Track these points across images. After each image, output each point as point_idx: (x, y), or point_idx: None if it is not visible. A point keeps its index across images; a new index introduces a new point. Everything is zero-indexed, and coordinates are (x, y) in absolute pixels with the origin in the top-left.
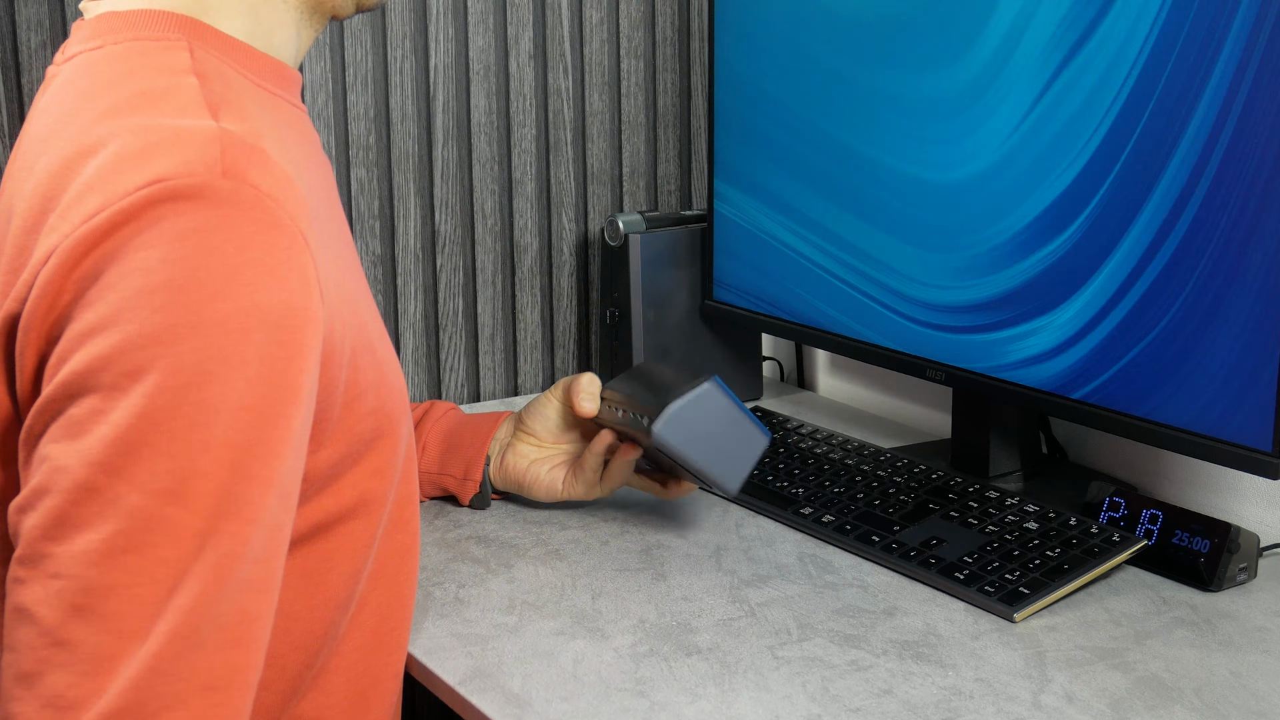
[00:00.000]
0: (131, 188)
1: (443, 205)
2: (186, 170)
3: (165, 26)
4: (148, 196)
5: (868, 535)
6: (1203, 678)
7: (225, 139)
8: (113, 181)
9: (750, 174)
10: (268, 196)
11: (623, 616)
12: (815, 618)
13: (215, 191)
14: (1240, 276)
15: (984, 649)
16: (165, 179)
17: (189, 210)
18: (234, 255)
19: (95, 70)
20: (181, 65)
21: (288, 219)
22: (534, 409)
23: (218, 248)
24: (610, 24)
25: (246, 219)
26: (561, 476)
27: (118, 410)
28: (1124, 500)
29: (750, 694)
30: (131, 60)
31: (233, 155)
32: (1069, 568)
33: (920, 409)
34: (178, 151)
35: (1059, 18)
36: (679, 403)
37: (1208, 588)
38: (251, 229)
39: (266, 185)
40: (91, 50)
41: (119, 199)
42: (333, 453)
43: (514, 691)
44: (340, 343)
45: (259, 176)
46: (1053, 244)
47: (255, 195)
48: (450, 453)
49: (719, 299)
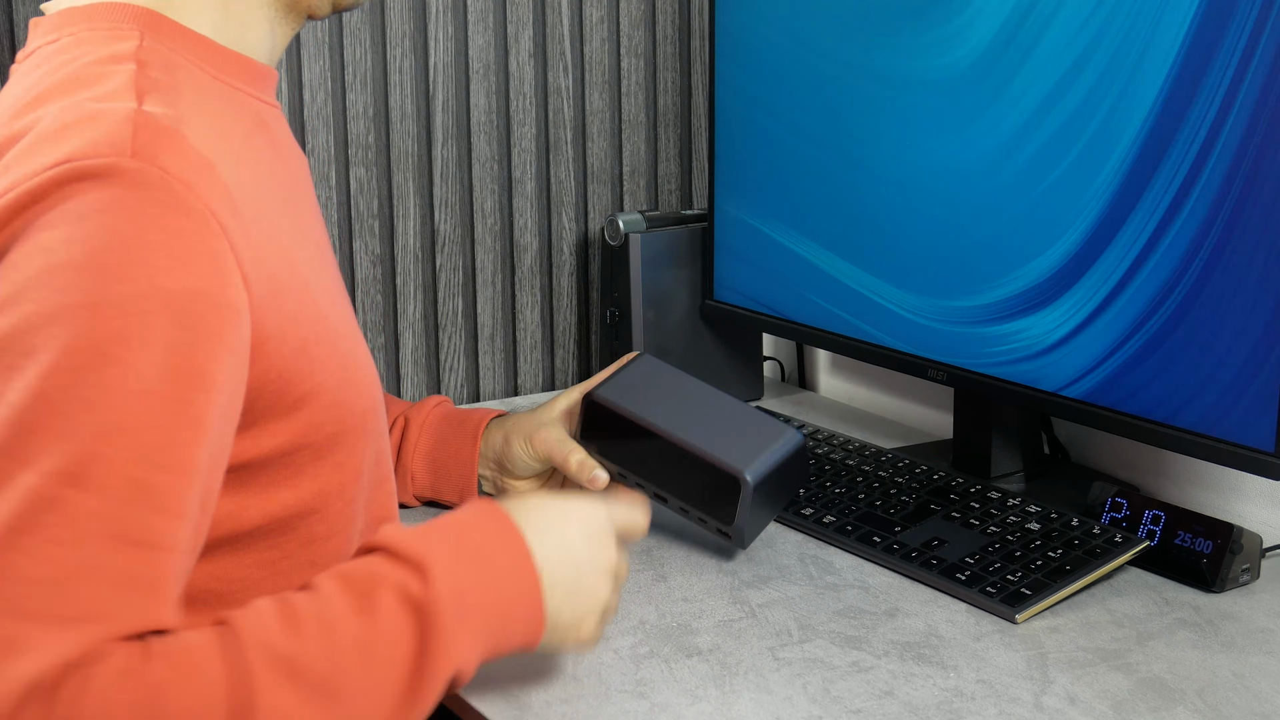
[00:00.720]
0: (41, 167)
1: (442, 205)
2: (94, 150)
3: (121, 18)
4: (54, 177)
5: (869, 536)
6: (1205, 679)
7: (139, 120)
8: (25, 162)
9: (751, 173)
10: (177, 179)
11: (623, 618)
12: (816, 619)
13: (121, 172)
14: (1242, 276)
15: (986, 650)
16: (73, 159)
17: (93, 190)
18: (136, 237)
19: (46, 62)
20: (124, 52)
21: (199, 203)
22: (516, 463)
23: (119, 229)
24: (610, 22)
25: (151, 200)
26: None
27: (13, 390)
28: (1126, 501)
29: (751, 695)
30: (79, 49)
31: (145, 137)
32: (1071, 569)
33: (922, 409)
34: (89, 132)
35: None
36: (748, 517)
37: (1210, 589)
38: (156, 211)
39: (177, 168)
40: (49, 43)
41: (28, 179)
42: (283, 442)
43: (513, 693)
44: (277, 332)
45: (169, 159)
46: (1057, 243)
47: (162, 177)
48: (440, 479)
49: (720, 299)
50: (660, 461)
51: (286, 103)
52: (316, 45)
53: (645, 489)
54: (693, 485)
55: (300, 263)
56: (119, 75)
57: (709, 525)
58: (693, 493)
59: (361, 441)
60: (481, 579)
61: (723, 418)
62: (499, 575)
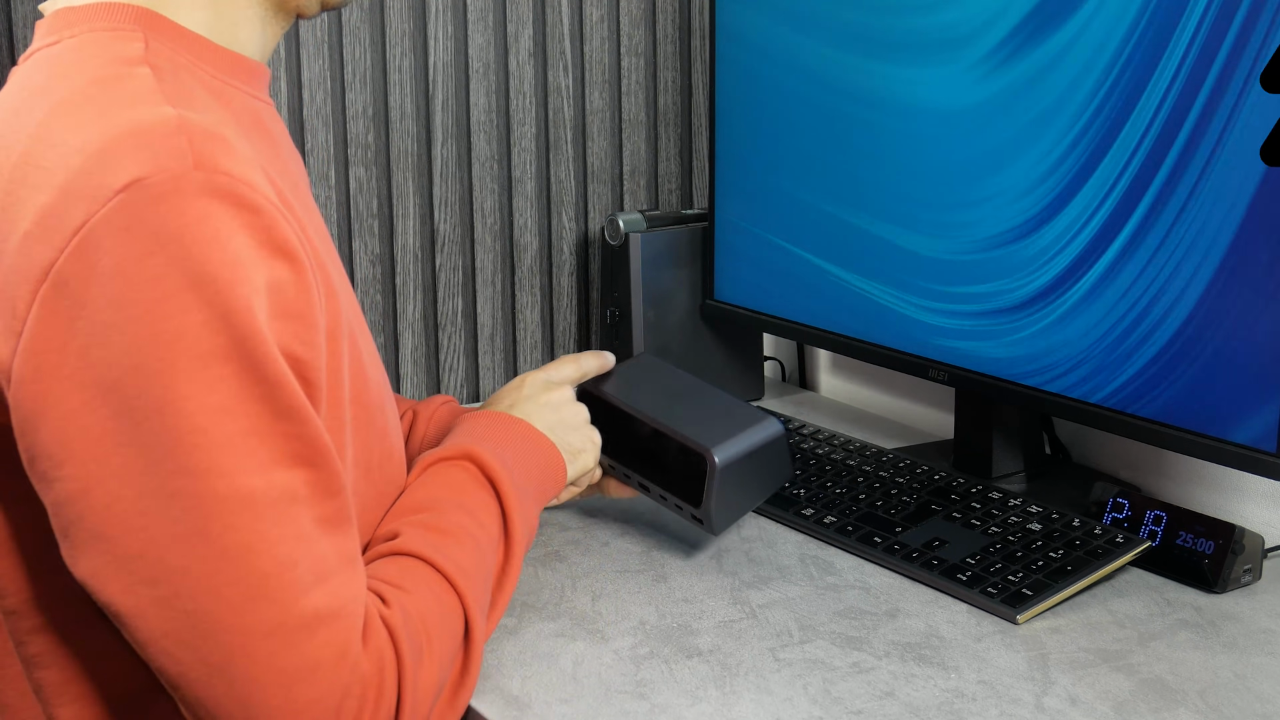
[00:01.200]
0: (109, 193)
1: (442, 204)
2: (158, 167)
3: (120, 18)
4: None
5: (869, 536)
6: (1207, 680)
7: (189, 129)
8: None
9: (752, 173)
10: (241, 182)
11: (623, 618)
12: (817, 619)
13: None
14: (1246, 276)
15: (986, 651)
16: (140, 179)
17: (174, 207)
18: (226, 241)
19: (49, 65)
20: (134, 55)
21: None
22: None
23: (207, 239)
24: (610, 21)
25: (229, 207)
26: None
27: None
28: (1128, 501)
29: (751, 696)
30: (84, 51)
31: (200, 145)
32: (1072, 569)
33: (923, 409)
34: (145, 147)
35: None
36: (715, 500)
37: (1212, 589)
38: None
39: (238, 170)
40: (49, 45)
41: (100, 205)
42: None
43: (513, 694)
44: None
45: (229, 163)
46: (1055, 229)
47: (229, 183)
48: None
49: (720, 299)
50: (641, 447)
51: (285, 102)
52: (316, 44)
53: (631, 479)
54: (668, 468)
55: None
56: (138, 79)
57: (684, 511)
58: (668, 477)
59: (369, 437)
60: (504, 444)
61: (705, 406)
62: (514, 437)
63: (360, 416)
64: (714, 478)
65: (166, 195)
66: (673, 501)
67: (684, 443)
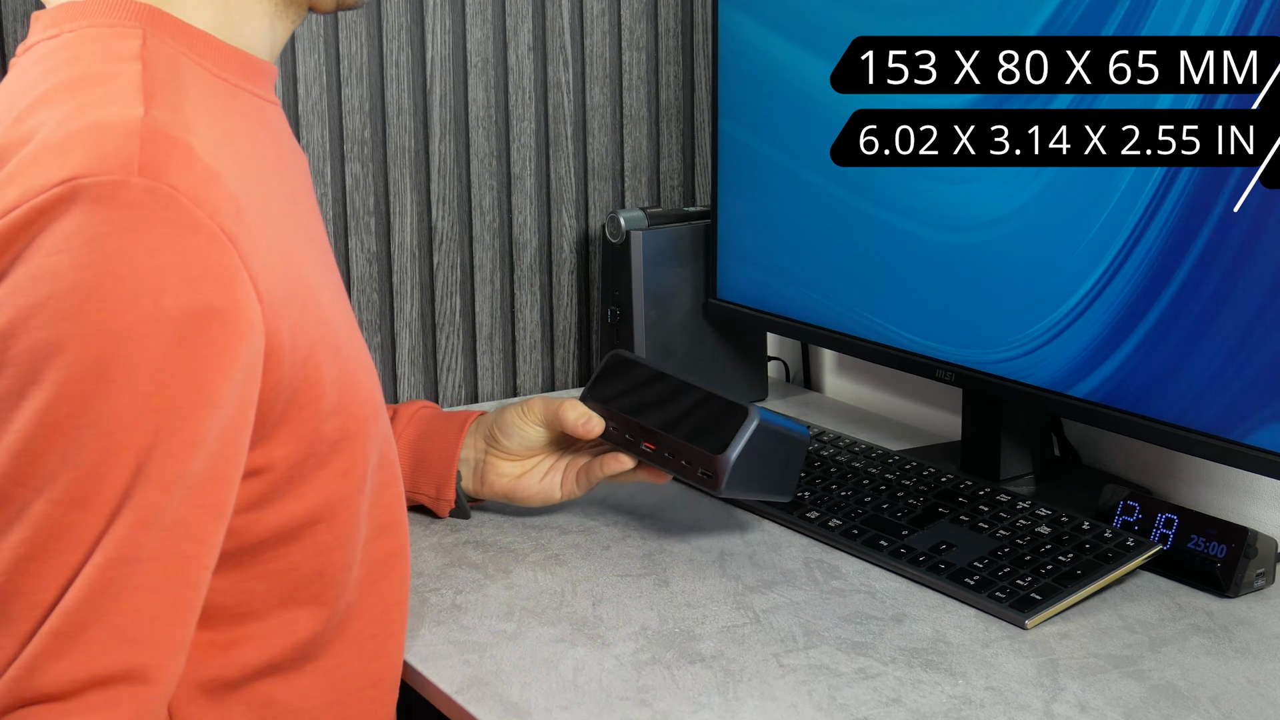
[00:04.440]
0: (46, 184)
1: (440, 201)
2: (101, 168)
3: (122, 14)
4: (60, 195)
5: (875, 540)
6: (1219, 686)
7: (146, 133)
8: (30, 174)
9: (755, 170)
10: (185, 195)
11: (624, 623)
12: (822, 624)
13: (129, 191)
14: (1258, 274)
15: (995, 656)
16: (79, 177)
17: (101, 211)
18: (144, 259)
19: (47, 58)
20: (129, 52)
21: (206, 219)
22: (510, 430)
23: (127, 251)
24: (611, 15)
25: (160, 220)
26: (557, 484)
27: (21, 418)
28: (1138, 504)
29: (755, 703)
30: (81, 46)
31: (151, 152)
32: (1082, 573)
33: (929, 410)
34: (95, 146)
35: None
36: (737, 455)
37: (1224, 594)
38: (165, 230)
39: (185, 184)
40: (49, 39)
41: (34, 194)
42: (290, 451)
43: (513, 700)
44: (289, 340)
45: (177, 175)
46: (1071, 233)
47: (171, 195)
48: (419, 470)
49: (723, 298)
50: (665, 403)
51: (280, 97)
52: (311, 39)
53: (636, 442)
54: (693, 422)
55: (305, 265)
56: (125, 77)
57: (693, 468)
58: (691, 429)
59: (365, 447)
60: None
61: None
62: None
63: (350, 428)
64: (748, 429)
65: (98, 198)
66: (685, 454)
67: (723, 399)
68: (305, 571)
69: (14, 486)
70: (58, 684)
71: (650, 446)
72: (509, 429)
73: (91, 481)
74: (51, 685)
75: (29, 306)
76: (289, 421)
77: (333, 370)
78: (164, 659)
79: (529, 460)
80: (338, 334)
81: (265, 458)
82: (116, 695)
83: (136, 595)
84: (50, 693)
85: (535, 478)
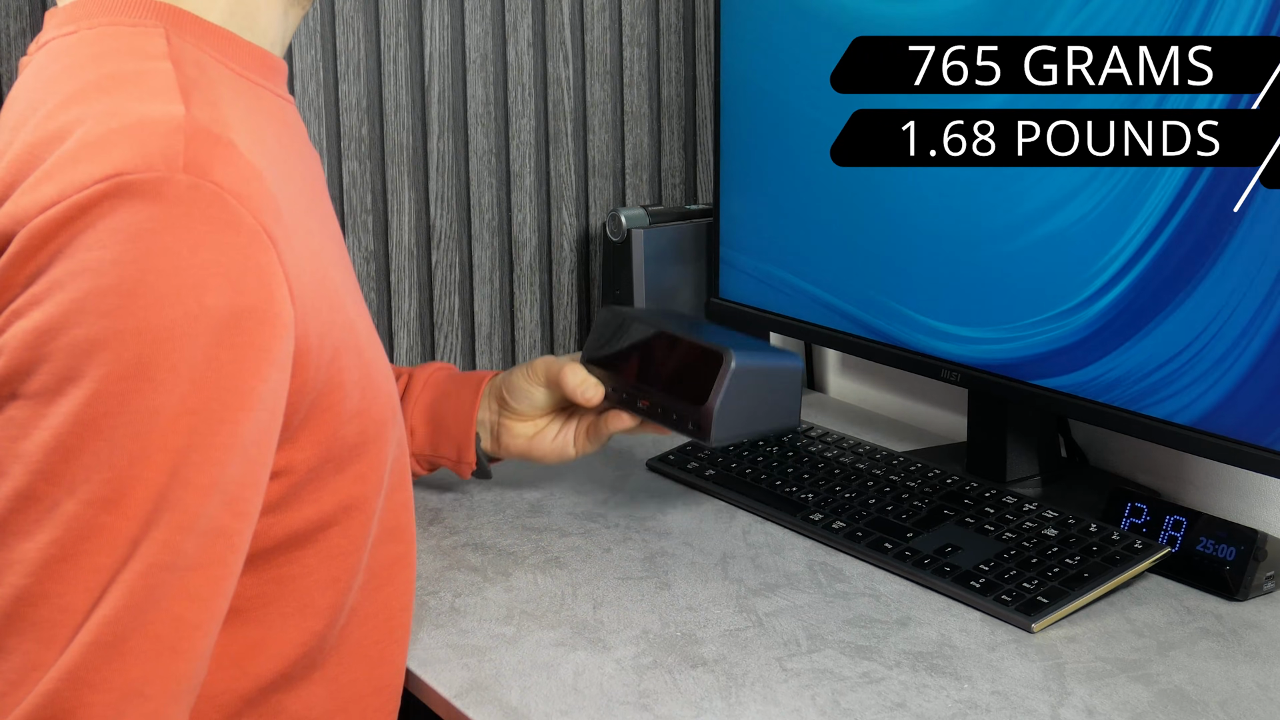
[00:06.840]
0: (89, 179)
1: (438, 199)
2: (146, 164)
3: (141, 12)
4: (104, 190)
5: (880, 542)
6: (1228, 690)
7: (190, 130)
8: (71, 170)
9: (758, 167)
10: (230, 193)
11: (625, 627)
12: (825, 628)
13: (174, 188)
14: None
15: (1001, 660)
16: (123, 173)
17: (145, 207)
18: (187, 257)
19: (67, 55)
20: (156, 50)
21: (249, 217)
22: (517, 393)
23: (170, 248)
24: (612, 11)
25: (204, 218)
26: (570, 441)
27: (56, 415)
28: (1146, 506)
29: (758, 707)
30: (104, 44)
31: (196, 148)
32: (1089, 576)
33: (935, 411)
34: (139, 142)
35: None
36: (719, 404)
37: (1233, 597)
38: (208, 228)
39: (229, 181)
40: (65, 35)
41: (76, 190)
42: (311, 454)
43: (512, 704)
44: (317, 342)
45: (222, 172)
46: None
47: (216, 192)
48: (439, 434)
49: (725, 297)
50: (653, 358)
51: None
52: (308, 34)
53: (633, 400)
54: (677, 375)
55: (329, 266)
56: (158, 75)
57: (684, 423)
58: (675, 383)
59: (383, 451)
60: None
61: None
62: None
63: (370, 431)
64: (725, 375)
65: (142, 194)
66: (674, 412)
67: (703, 346)
68: (319, 576)
69: (45, 485)
70: (100, 696)
71: (645, 404)
72: (516, 392)
73: (125, 482)
74: (93, 697)
75: (69, 302)
76: (311, 424)
77: (355, 373)
78: (201, 669)
79: (540, 420)
80: (360, 336)
81: (286, 460)
82: (158, 709)
83: (178, 604)
84: (92, 704)
85: (548, 437)
